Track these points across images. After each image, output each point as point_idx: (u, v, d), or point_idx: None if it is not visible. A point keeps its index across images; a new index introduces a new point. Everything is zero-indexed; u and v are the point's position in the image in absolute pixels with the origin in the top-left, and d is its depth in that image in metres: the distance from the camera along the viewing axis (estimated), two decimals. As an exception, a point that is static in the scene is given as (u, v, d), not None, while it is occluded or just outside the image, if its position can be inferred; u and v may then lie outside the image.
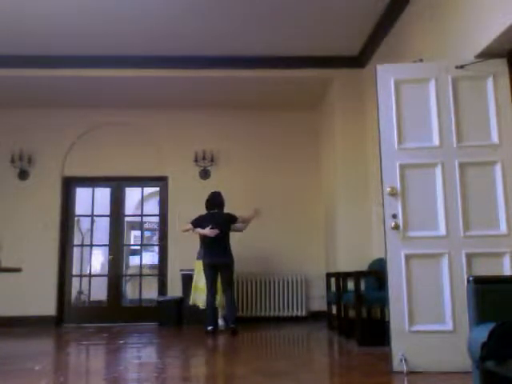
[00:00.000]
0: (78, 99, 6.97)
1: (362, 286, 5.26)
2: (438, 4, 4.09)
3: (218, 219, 5.77)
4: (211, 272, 5.70)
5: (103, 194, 7.44)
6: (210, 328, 5.56)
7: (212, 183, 7.07)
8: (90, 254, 7.64)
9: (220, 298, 5.93)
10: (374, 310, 5.39)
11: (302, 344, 5.28)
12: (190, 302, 6.14)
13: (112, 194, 7.39)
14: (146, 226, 8.45)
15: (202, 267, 5.87)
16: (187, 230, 5.93)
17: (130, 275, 8.33)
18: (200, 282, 5.99)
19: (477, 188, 3.40)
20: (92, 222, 7.51)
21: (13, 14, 5.01)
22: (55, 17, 5.10)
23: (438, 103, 3.50)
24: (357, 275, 4.85)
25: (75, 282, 7.37)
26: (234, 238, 6.03)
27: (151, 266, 8.22)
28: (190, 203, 7.09)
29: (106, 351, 4.72)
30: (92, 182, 7.40)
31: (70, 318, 6.97)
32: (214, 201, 5.92)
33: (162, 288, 7.07)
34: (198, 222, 5.80)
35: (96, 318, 6.97)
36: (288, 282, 7.00)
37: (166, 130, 7.36)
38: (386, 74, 3.60)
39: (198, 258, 6.13)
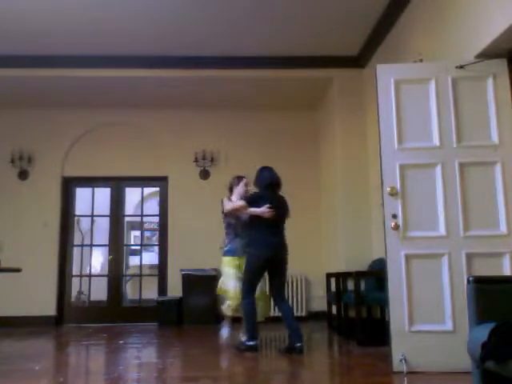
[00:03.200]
0: (78, 99, 6.97)
1: (362, 286, 5.26)
2: (438, 4, 4.09)
3: (279, 202, 4.57)
4: (263, 269, 4.40)
5: (103, 194, 7.44)
6: (254, 343, 4.29)
7: (212, 183, 7.08)
8: (90, 253, 7.65)
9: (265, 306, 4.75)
10: (373, 310, 5.40)
11: (302, 344, 5.27)
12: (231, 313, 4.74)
13: (112, 194, 7.39)
14: (145, 226, 8.46)
15: (231, 264, 4.66)
16: (238, 210, 4.55)
17: (130, 275, 8.33)
18: (229, 284, 4.67)
19: (477, 188, 3.40)
20: (92, 222, 7.51)
21: (13, 13, 5.01)
22: (55, 17, 5.10)
23: (438, 103, 3.50)
24: (357, 275, 4.86)
25: (75, 281, 7.38)
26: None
27: (151, 266, 8.22)
28: (190, 203, 7.11)
29: (106, 351, 4.72)
30: (92, 181, 7.40)
31: (70, 318, 6.97)
32: (275, 179, 4.60)
33: (162, 288, 7.07)
34: (255, 199, 4.50)
35: (96, 318, 6.97)
36: (288, 282, 6.99)
37: (165, 129, 7.36)
38: (386, 74, 3.60)
39: (225, 254, 4.76)
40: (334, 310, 5.84)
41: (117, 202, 7.36)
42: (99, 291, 7.25)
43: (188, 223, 7.04)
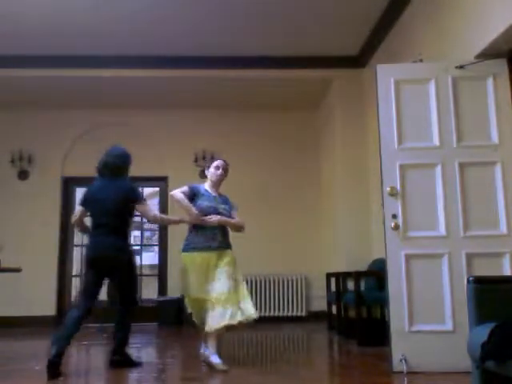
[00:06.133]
0: (78, 99, 6.96)
1: (362, 286, 5.26)
2: (438, 4, 4.09)
3: (108, 191, 3.99)
4: (93, 273, 3.78)
5: (103, 194, 7.42)
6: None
7: (212, 183, 7.06)
8: (90, 254, 7.63)
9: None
10: (373, 310, 5.39)
11: (301, 344, 5.28)
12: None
13: (112, 194, 7.38)
14: (146, 225, 8.45)
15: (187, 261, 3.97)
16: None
17: (130, 275, 8.31)
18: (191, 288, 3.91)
19: (477, 188, 3.40)
20: (92, 221, 7.49)
21: (12, 13, 5.01)
22: (55, 17, 5.10)
23: (438, 103, 3.50)
24: (357, 275, 4.86)
25: (75, 282, 7.37)
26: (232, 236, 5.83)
27: (151, 266, 8.22)
28: (189, 203, 7.09)
29: (106, 351, 4.72)
30: (92, 182, 7.37)
31: (70, 318, 6.95)
32: (110, 161, 4.06)
33: (162, 288, 7.07)
34: (83, 198, 4.03)
35: (96, 318, 6.95)
36: (288, 282, 7.00)
37: (165, 130, 7.35)
38: (386, 74, 3.60)
39: (183, 250, 4.13)
40: (334, 310, 5.84)
41: (117, 202, 7.34)
42: (99, 291, 7.23)
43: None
